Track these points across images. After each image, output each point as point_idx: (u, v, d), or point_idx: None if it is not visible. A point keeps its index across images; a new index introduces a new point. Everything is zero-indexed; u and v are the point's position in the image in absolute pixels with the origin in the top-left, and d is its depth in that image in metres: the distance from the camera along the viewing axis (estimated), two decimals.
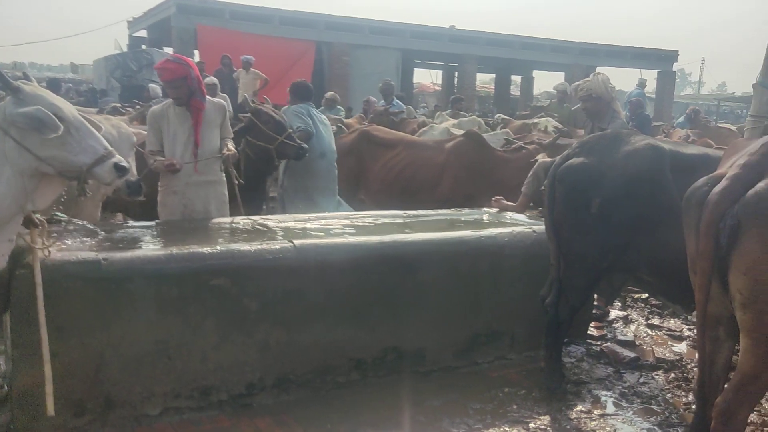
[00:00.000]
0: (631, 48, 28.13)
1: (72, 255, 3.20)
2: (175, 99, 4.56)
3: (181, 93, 4.51)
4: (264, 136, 5.51)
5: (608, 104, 5.15)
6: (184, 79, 4.48)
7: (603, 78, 5.15)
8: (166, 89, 4.66)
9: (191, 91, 4.52)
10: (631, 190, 3.61)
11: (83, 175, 2.94)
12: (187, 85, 4.49)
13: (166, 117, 4.59)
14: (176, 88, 4.50)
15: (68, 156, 2.90)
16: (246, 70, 13.28)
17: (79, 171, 2.93)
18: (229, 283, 3.45)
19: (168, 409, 3.39)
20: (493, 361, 4.34)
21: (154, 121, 4.63)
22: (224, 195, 4.80)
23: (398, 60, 23.08)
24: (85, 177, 2.95)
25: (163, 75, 4.55)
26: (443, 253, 4.11)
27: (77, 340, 3.14)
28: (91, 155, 2.95)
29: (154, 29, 23.86)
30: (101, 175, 2.99)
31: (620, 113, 5.24)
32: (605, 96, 5.11)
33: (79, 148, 2.92)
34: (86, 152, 2.94)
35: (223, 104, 4.86)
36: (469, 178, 6.13)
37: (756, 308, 2.50)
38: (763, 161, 2.58)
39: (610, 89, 5.12)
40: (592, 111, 5.37)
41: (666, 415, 3.79)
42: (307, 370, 3.73)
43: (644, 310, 5.78)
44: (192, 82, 4.52)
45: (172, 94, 4.56)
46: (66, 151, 2.89)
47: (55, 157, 2.88)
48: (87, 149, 2.94)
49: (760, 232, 2.46)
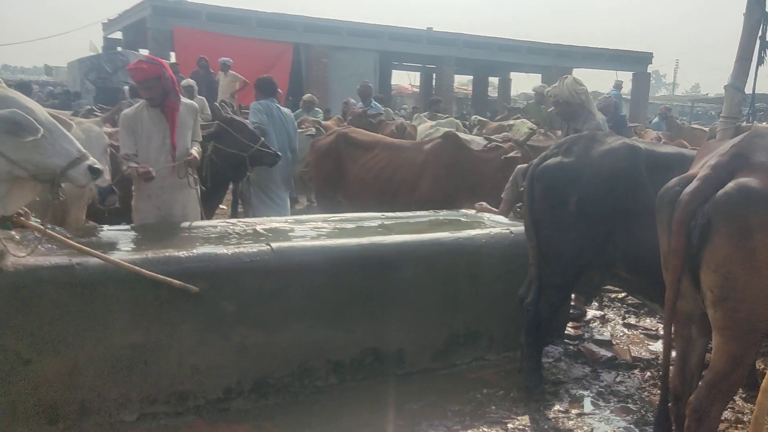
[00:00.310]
0: (607, 50, 28.41)
1: (45, 260, 3.16)
2: (149, 100, 4.51)
3: (154, 93, 4.46)
4: (237, 143, 5.60)
5: (580, 106, 5.17)
6: (158, 80, 4.44)
7: (569, 82, 5.17)
8: (140, 90, 4.60)
9: (165, 91, 4.48)
10: (607, 187, 3.66)
11: (57, 177, 2.91)
12: (161, 86, 4.45)
13: (140, 119, 4.53)
14: (149, 88, 4.45)
15: (42, 158, 2.87)
16: (224, 72, 13.20)
17: (53, 174, 2.90)
18: (206, 286, 3.43)
19: (144, 414, 3.36)
20: (472, 362, 4.35)
21: (127, 123, 4.55)
22: (195, 196, 4.78)
23: (376, 62, 23.07)
24: (59, 180, 2.92)
25: (135, 75, 4.48)
26: (421, 254, 4.12)
27: (50, 346, 3.10)
28: (65, 158, 2.92)
29: (130, 31, 23.61)
30: (75, 178, 2.96)
31: (596, 114, 5.26)
32: (573, 99, 5.14)
33: (53, 151, 2.89)
34: (60, 155, 2.91)
35: (195, 106, 4.84)
36: (448, 178, 6.15)
37: (726, 306, 2.54)
38: (733, 162, 2.63)
39: (580, 92, 5.12)
40: (563, 114, 5.42)
41: (642, 414, 3.83)
42: (286, 373, 3.71)
43: (621, 309, 5.84)
44: (166, 82, 4.48)
45: (146, 95, 4.51)
46: (39, 154, 2.86)
47: (29, 159, 2.85)
48: (60, 152, 2.92)
49: (729, 231, 2.51)
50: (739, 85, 5.03)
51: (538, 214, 3.89)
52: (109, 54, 22.23)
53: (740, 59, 4.95)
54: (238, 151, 5.58)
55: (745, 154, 2.64)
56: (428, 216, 5.29)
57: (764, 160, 2.59)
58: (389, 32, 23.76)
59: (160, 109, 4.52)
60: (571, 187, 3.73)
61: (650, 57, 28.80)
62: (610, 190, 3.66)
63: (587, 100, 5.16)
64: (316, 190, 7.56)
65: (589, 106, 5.19)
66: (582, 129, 5.01)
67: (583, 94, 5.14)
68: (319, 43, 21.84)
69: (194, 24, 19.67)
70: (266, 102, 6.57)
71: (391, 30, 24.03)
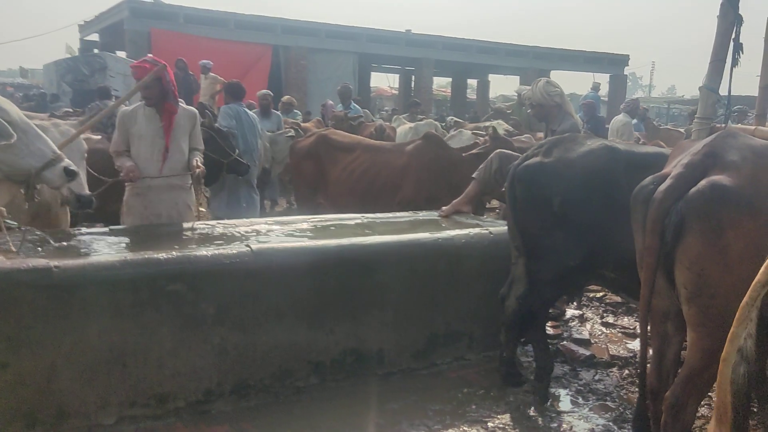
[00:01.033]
0: (584, 52, 28.72)
1: (22, 262, 3.12)
2: (146, 99, 4.53)
3: (152, 93, 4.49)
4: (220, 151, 5.86)
5: (555, 108, 5.16)
6: (159, 80, 4.47)
7: (542, 85, 5.18)
8: (140, 89, 4.56)
9: (164, 93, 4.51)
10: (587, 188, 3.68)
11: (32, 179, 2.89)
12: (160, 87, 4.48)
13: (135, 118, 4.55)
14: (148, 88, 4.47)
15: (16, 159, 2.85)
16: (204, 74, 13.13)
17: (28, 174, 2.88)
18: (185, 289, 3.42)
19: (123, 417, 3.33)
20: (452, 362, 4.37)
21: (122, 122, 4.60)
22: (189, 201, 4.77)
23: (355, 64, 23.10)
24: (34, 181, 2.90)
25: (137, 73, 4.51)
26: (401, 255, 4.14)
27: (28, 349, 3.06)
28: (40, 158, 2.90)
29: (107, 33, 23.41)
30: (51, 179, 2.95)
31: (573, 115, 5.30)
32: (546, 101, 5.15)
33: (27, 152, 2.88)
34: (34, 155, 2.90)
35: (194, 112, 4.85)
36: (431, 179, 6.17)
37: (700, 302, 2.59)
38: (706, 161, 2.68)
39: (553, 94, 5.13)
40: (538, 116, 5.46)
41: (620, 411, 3.87)
42: (266, 374, 3.71)
43: (599, 309, 5.90)
44: (166, 84, 4.52)
45: (144, 94, 4.53)
46: (14, 155, 2.84)
47: (2, 160, 2.83)
48: (35, 152, 2.90)
49: (702, 228, 2.55)
50: (714, 87, 5.10)
51: (522, 215, 3.91)
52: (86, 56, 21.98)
53: (714, 61, 5.02)
54: (220, 158, 5.80)
55: (718, 153, 2.69)
56: (408, 217, 5.31)
57: (736, 159, 2.64)
58: (368, 34, 23.82)
59: (156, 109, 4.52)
60: (551, 188, 3.74)
61: (627, 59, 29.18)
62: (589, 191, 3.67)
63: (562, 102, 5.18)
64: (296, 192, 7.56)
65: (566, 107, 5.21)
66: (557, 130, 5.04)
67: (557, 96, 5.15)
68: (298, 45, 21.83)
69: (172, 26, 19.57)
70: (235, 106, 6.93)
71: (370, 32, 24.09)
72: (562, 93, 5.21)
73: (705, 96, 5.21)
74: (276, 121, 9.55)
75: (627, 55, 29.13)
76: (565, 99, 5.21)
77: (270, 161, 9.24)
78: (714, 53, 5.05)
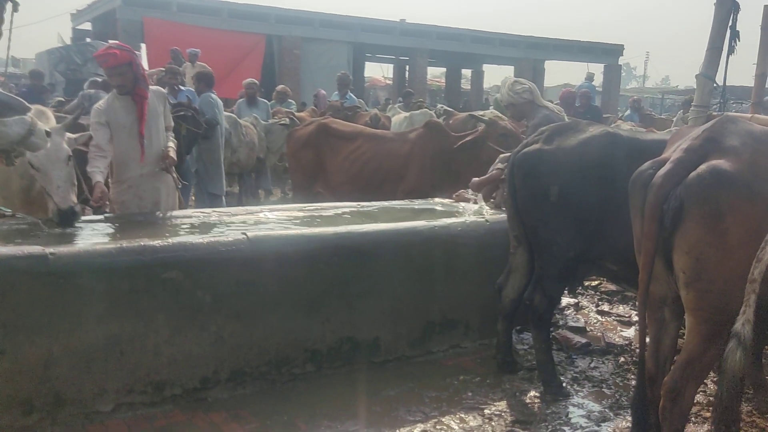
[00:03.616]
0: (578, 42, 28.68)
1: (18, 249, 3.11)
2: (119, 87, 4.43)
3: (126, 80, 4.40)
4: (197, 124, 6.94)
5: (527, 104, 5.11)
6: (130, 65, 4.38)
7: (509, 85, 5.09)
8: (110, 77, 4.50)
9: (136, 78, 4.42)
10: (587, 176, 3.61)
11: (16, 146, 2.91)
12: (132, 72, 4.39)
13: (113, 110, 4.45)
14: (121, 74, 4.38)
15: (6, 130, 2.86)
16: (192, 63, 13.03)
17: (13, 143, 2.90)
18: (181, 276, 3.41)
19: (121, 404, 3.33)
20: (448, 350, 4.39)
21: (101, 116, 4.42)
22: (172, 183, 4.76)
23: (349, 53, 23.01)
24: (16, 149, 2.92)
25: (108, 61, 4.37)
26: (397, 243, 4.14)
27: (24, 336, 3.05)
28: (23, 125, 2.92)
29: (99, 22, 23.22)
30: (37, 143, 2.98)
31: (546, 106, 5.21)
32: (515, 100, 5.10)
33: (11, 120, 2.88)
34: (17, 123, 2.91)
35: (162, 91, 4.82)
36: (435, 167, 6.16)
37: (698, 287, 2.60)
38: (705, 145, 2.68)
39: (521, 91, 5.06)
40: (514, 115, 5.44)
41: (616, 398, 3.89)
42: (263, 362, 3.71)
43: (594, 297, 5.92)
44: (137, 68, 4.44)
45: (117, 81, 4.42)
46: (4, 126, 2.85)
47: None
48: (17, 121, 2.91)
49: (701, 212, 2.55)
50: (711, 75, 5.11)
51: (520, 204, 3.88)
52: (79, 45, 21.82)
53: (711, 49, 5.03)
54: (195, 129, 6.89)
55: (717, 138, 2.68)
56: (404, 205, 5.31)
57: (735, 144, 2.64)
58: (362, 24, 23.71)
59: (131, 97, 4.45)
60: (550, 176, 3.69)
61: (621, 49, 29.14)
62: (590, 179, 3.60)
63: (533, 97, 5.08)
64: (293, 181, 7.53)
65: (537, 101, 5.13)
66: (530, 124, 5.02)
67: (526, 93, 5.07)
68: (292, 34, 21.72)
69: (165, 15, 19.42)
70: (213, 95, 7.81)
71: (364, 21, 23.98)
72: (532, 88, 5.12)
73: (702, 84, 5.21)
74: (264, 109, 9.56)
75: (621, 45, 29.09)
76: (536, 93, 5.11)
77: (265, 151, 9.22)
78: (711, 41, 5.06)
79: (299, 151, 6.94)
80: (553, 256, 3.80)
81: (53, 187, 3.80)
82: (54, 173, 3.80)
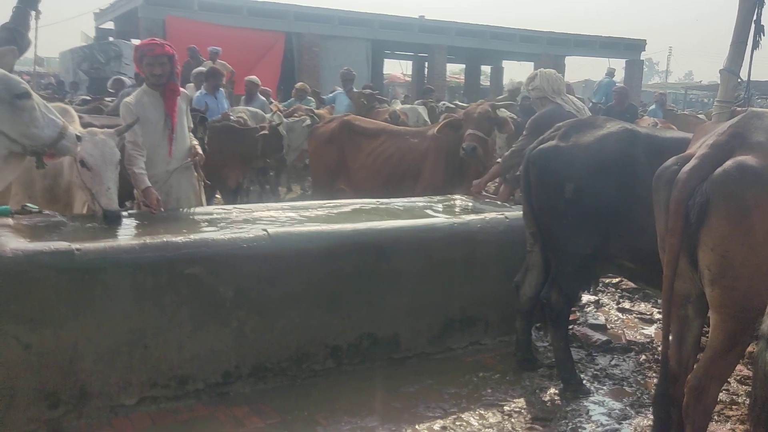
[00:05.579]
0: (600, 37, 28.45)
1: (44, 245, 3.16)
2: (157, 77, 4.46)
3: (165, 70, 4.47)
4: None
5: (541, 99, 5.18)
6: (171, 58, 4.48)
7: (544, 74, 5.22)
8: (151, 67, 4.47)
9: (172, 72, 4.51)
10: (605, 173, 3.57)
11: (46, 149, 2.96)
12: (172, 64, 4.49)
13: (142, 105, 4.51)
14: (163, 64, 4.45)
15: (37, 132, 2.92)
16: (213, 61, 13.10)
17: (45, 145, 2.94)
18: (204, 272, 3.44)
19: (144, 398, 3.37)
20: (468, 347, 4.38)
21: (131, 111, 4.45)
22: (195, 179, 4.82)
23: (368, 50, 23.04)
24: (46, 151, 2.96)
25: (155, 50, 4.44)
26: (417, 240, 4.14)
27: (51, 331, 3.10)
28: (54, 128, 2.97)
29: (121, 21, 23.45)
30: (67, 147, 3.02)
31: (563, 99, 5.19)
32: (531, 95, 5.29)
33: (44, 123, 2.93)
34: (50, 126, 2.97)
35: (186, 93, 4.89)
36: (449, 163, 6.16)
37: (724, 284, 2.57)
38: (731, 141, 2.64)
39: (532, 87, 5.18)
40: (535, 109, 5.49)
41: (638, 396, 3.87)
42: (283, 357, 3.73)
43: (615, 294, 5.88)
44: (176, 63, 4.54)
45: (158, 71, 4.45)
46: (35, 127, 2.91)
47: (26, 134, 2.89)
48: (50, 123, 2.97)
49: (727, 209, 2.52)
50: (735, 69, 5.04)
51: (536, 201, 3.86)
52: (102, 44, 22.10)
53: (735, 43, 4.96)
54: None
55: (743, 134, 2.65)
56: (423, 202, 5.31)
57: (762, 140, 2.60)
58: (380, 20, 23.72)
59: (160, 93, 4.51)
60: (566, 172, 3.65)
61: (643, 44, 28.87)
62: (608, 176, 3.56)
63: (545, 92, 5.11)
64: (314, 178, 7.55)
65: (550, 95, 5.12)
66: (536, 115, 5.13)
67: (536, 89, 5.15)
68: (311, 32, 21.79)
69: (186, 13, 19.57)
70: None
71: (383, 18, 23.99)
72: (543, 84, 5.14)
73: (726, 79, 5.15)
74: (258, 106, 9.67)
75: (644, 40, 28.81)
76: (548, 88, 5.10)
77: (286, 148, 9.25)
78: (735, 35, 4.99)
79: (322, 148, 6.96)
80: (569, 253, 3.78)
81: (103, 188, 3.86)
82: (106, 174, 3.87)
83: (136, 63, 4.60)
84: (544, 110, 5.05)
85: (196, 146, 4.73)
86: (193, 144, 4.74)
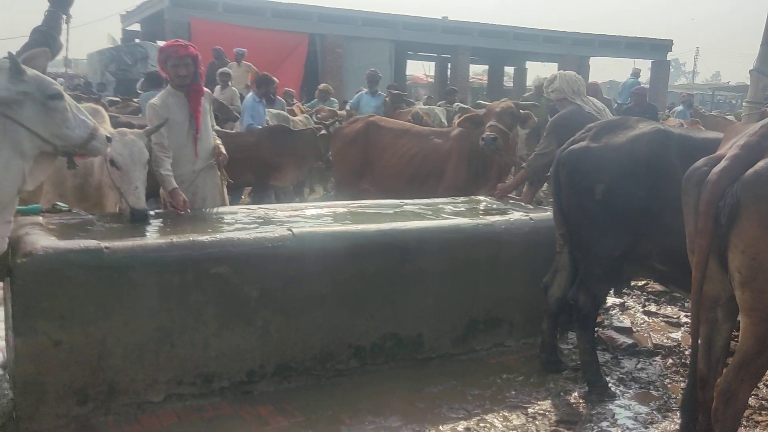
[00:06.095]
0: (625, 38, 28.17)
1: (74, 243, 3.21)
2: (182, 77, 4.51)
3: (190, 71, 4.52)
4: None
5: (561, 101, 5.19)
6: (195, 59, 4.53)
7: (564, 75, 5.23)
8: (176, 68, 4.52)
9: (196, 73, 4.56)
10: (636, 175, 3.53)
11: (77, 149, 3.00)
12: (195, 65, 4.54)
13: (167, 106, 4.55)
14: (187, 65, 4.50)
15: (69, 132, 2.95)
16: (238, 62, 13.19)
17: (75, 146, 2.98)
18: (229, 271, 3.47)
19: (171, 395, 3.41)
20: (492, 348, 4.37)
21: (158, 112, 4.49)
22: (219, 179, 4.86)
23: (391, 51, 23.05)
24: (77, 151, 3.00)
25: (179, 51, 4.49)
26: (441, 241, 4.13)
27: (80, 328, 3.15)
28: (85, 129, 3.01)
29: (148, 23, 23.74)
30: (98, 148, 3.07)
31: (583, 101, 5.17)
32: (551, 96, 5.27)
33: (75, 123, 2.98)
34: (81, 127, 3.01)
35: (209, 92, 4.94)
36: (473, 163, 6.14)
37: (754, 287, 2.53)
38: (763, 142, 2.60)
39: (551, 89, 5.20)
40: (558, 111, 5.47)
41: (664, 400, 3.82)
42: (307, 357, 3.75)
43: (641, 297, 5.82)
44: (200, 64, 4.59)
45: (183, 72, 4.50)
46: (67, 128, 2.95)
47: (57, 134, 2.93)
48: (81, 124, 3.01)
49: (759, 210, 2.48)
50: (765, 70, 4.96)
51: (565, 202, 3.83)
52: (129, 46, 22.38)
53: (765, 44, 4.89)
54: None
55: None
56: (447, 202, 5.30)
57: None
58: (404, 22, 23.73)
59: (184, 93, 4.56)
60: (596, 174, 3.62)
61: (670, 44, 28.51)
62: (639, 177, 3.52)
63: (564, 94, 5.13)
64: (338, 178, 7.56)
65: (570, 97, 5.13)
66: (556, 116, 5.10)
67: (555, 91, 5.18)
68: (334, 33, 21.87)
69: (211, 15, 19.76)
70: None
71: (406, 19, 23.99)
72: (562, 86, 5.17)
73: (755, 79, 5.08)
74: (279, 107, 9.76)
75: (670, 41, 28.44)
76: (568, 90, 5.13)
77: None
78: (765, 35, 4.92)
79: (346, 148, 6.98)
80: (598, 255, 3.75)
81: (131, 187, 3.92)
82: (134, 174, 3.93)
83: (161, 64, 4.65)
84: (565, 111, 5.04)
85: (220, 146, 4.77)
86: (217, 143, 4.78)
